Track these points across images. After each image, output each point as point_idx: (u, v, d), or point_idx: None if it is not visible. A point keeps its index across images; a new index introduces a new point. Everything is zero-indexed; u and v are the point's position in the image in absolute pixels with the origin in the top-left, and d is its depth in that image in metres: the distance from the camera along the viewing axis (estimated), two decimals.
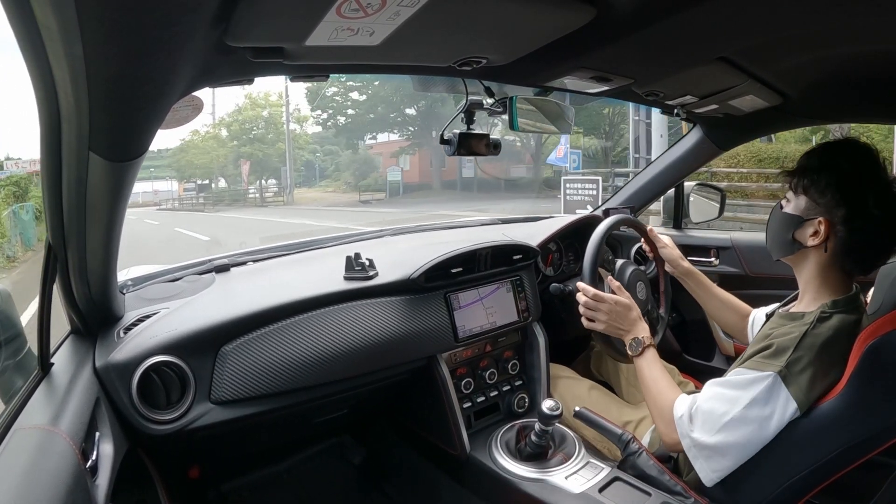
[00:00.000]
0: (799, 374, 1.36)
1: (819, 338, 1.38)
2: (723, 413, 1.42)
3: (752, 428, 1.39)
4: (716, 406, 1.45)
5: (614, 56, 1.41)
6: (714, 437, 1.43)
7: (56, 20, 0.66)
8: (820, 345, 1.38)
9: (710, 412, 1.45)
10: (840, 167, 1.44)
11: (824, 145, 1.51)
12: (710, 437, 1.44)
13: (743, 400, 1.40)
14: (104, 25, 0.68)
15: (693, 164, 2.67)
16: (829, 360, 1.38)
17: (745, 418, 1.39)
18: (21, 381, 1.31)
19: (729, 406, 1.42)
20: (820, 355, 1.37)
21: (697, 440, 1.47)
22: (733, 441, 1.41)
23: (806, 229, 1.48)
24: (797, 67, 1.59)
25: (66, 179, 1.04)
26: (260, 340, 1.66)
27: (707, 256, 2.75)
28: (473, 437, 1.99)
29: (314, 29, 0.96)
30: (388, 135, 39.79)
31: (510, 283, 2.21)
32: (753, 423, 1.39)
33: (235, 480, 2.37)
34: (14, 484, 0.88)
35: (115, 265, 1.41)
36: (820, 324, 1.40)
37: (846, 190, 1.42)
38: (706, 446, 1.45)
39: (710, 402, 1.47)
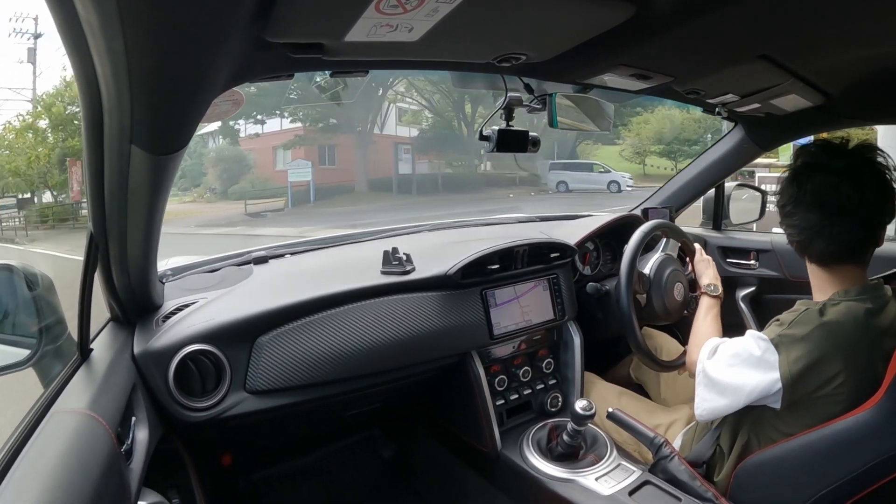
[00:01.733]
0: (788, 345, 1.39)
1: (821, 317, 1.40)
2: (731, 355, 1.50)
3: (739, 377, 1.46)
4: (731, 348, 1.52)
5: (654, 53, 1.39)
6: (715, 372, 1.53)
7: (98, 16, 0.67)
8: (820, 324, 1.39)
9: (725, 351, 1.54)
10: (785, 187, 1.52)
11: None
12: (712, 371, 1.54)
13: (745, 352, 1.46)
14: (145, 21, 0.69)
15: (733, 165, 2.63)
16: (828, 342, 1.37)
17: (738, 367, 1.47)
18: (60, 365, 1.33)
19: (737, 351, 1.49)
20: (813, 334, 1.38)
21: (706, 368, 1.56)
22: (724, 381, 1.50)
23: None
24: (840, 66, 1.56)
25: (108, 172, 1.05)
26: (296, 332, 1.68)
27: (746, 259, 2.71)
28: (505, 434, 1.98)
29: (353, 25, 0.96)
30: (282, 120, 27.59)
31: (547, 282, 2.20)
32: (742, 375, 1.45)
33: (266, 470, 2.40)
34: (51, 465, 0.90)
35: (155, 255, 1.43)
36: (825, 307, 1.42)
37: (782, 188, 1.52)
38: (708, 376, 1.55)
39: (732, 343, 1.54)
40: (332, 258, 2.23)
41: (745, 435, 1.56)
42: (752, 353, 1.43)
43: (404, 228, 2.68)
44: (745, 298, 2.67)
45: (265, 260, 2.12)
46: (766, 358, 1.40)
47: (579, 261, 2.50)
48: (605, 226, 2.53)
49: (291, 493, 2.39)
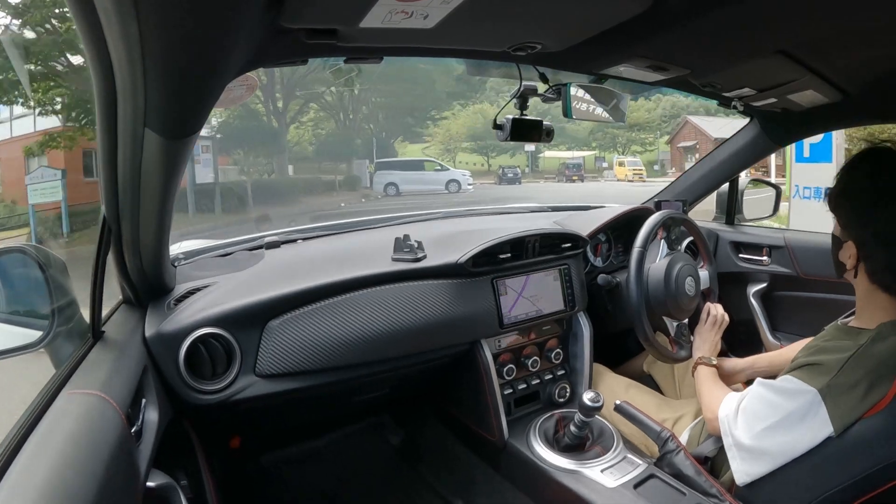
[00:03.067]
0: (840, 395, 1.30)
1: (871, 359, 1.31)
2: (763, 417, 1.40)
3: (786, 440, 1.36)
4: (758, 409, 1.42)
5: (670, 45, 1.39)
6: (751, 440, 1.41)
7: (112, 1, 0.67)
8: (871, 366, 1.30)
9: (753, 414, 1.43)
10: (858, 184, 1.38)
11: (852, 160, 1.43)
12: (748, 440, 1.41)
13: (782, 409, 1.36)
14: (159, 6, 0.69)
15: (748, 160, 2.62)
16: (877, 380, 1.30)
17: (781, 428, 1.36)
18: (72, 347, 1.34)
19: (769, 412, 1.39)
20: (868, 376, 1.30)
21: (737, 439, 1.44)
22: (767, 448, 1.38)
23: (844, 251, 1.42)
24: (858, 64, 1.55)
25: (121, 155, 1.06)
26: (306, 317, 1.69)
27: (759, 255, 2.69)
28: (512, 424, 1.99)
29: (368, 11, 0.96)
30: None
31: (558, 272, 2.19)
32: (788, 436, 1.35)
33: (275, 453, 2.42)
34: (61, 445, 0.91)
35: (167, 238, 1.44)
36: (874, 344, 1.32)
37: (865, 210, 1.35)
38: (743, 447, 1.43)
39: (754, 402, 1.44)
40: (343, 244, 2.24)
41: None
42: (796, 411, 1.34)
43: (417, 215, 2.68)
44: (756, 295, 2.66)
45: (277, 245, 2.13)
46: (815, 413, 1.31)
47: (591, 252, 2.50)
48: (618, 217, 2.51)
49: (299, 476, 2.41)
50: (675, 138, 46.44)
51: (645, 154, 47.97)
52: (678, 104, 54.12)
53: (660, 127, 51.31)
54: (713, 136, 41.06)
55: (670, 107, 52.59)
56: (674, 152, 46.81)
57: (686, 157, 44.43)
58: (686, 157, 44.60)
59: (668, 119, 51.91)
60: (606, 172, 41.45)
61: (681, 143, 45.17)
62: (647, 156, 47.00)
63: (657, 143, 50.68)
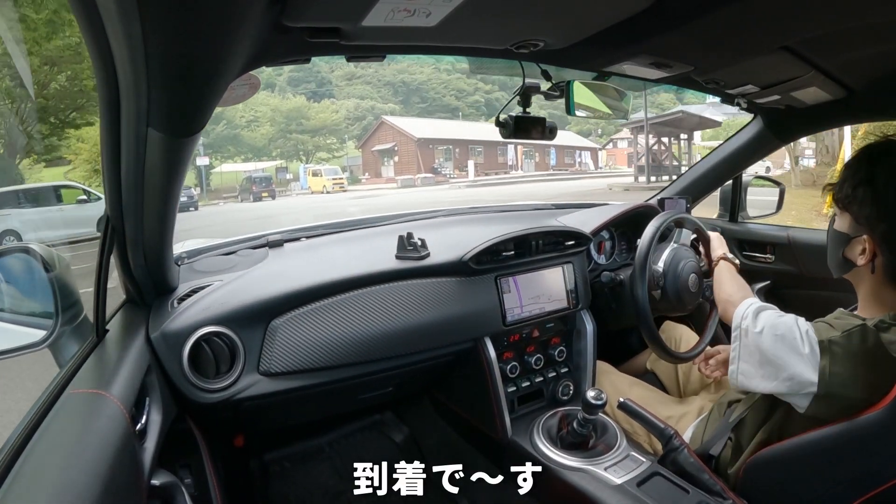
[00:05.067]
0: (835, 355, 1.32)
1: (870, 338, 1.32)
2: (775, 325, 1.42)
3: (778, 357, 1.38)
4: (776, 318, 1.44)
5: (674, 42, 1.38)
6: (756, 333, 1.44)
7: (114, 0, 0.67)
8: (869, 347, 1.31)
9: (771, 317, 1.45)
10: (875, 179, 1.35)
11: (864, 152, 1.42)
12: (757, 339, 1.44)
13: (791, 333, 1.38)
14: (162, 5, 0.69)
15: (752, 157, 2.62)
16: (873, 366, 1.31)
17: (781, 344, 1.38)
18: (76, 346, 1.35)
19: (783, 327, 1.41)
20: (865, 354, 1.31)
21: (749, 330, 1.47)
22: (763, 349, 1.41)
23: (854, 247, 1.41)
24: (863, 60, 1.54)
25: (124, 154, 1.07)
26: (310, 315, 1.69)
27: (762, 252, 2.70)
28: (516, 421, 1.99)
29: (370, 9, 0.96)
30: None
31: (561, 270, 2.19)
32: (781, 356, 1.38)
33: (278, 451, 2.42)
34: (66, 444, 0.91)
35: (170, 237, 1.44)
36: (877, 329, 1.33)
37: (882, 204, 1.34)
38: (750, 339, 1.46)
39: (778, 315, 1.46)
40: (347, 242, 2.24)
41: (766, 432, 1.54)
42: (800, 345, 1.36)
43: (420, 214, 2.68)
44: (760, 292, 2.66)
45: (280, 244, 2.13)
46: (811, 357, 1.34)
47: (594, 249, 2.49)
48: (621, 215, 2.51)
49: (303, 474, 2.41)
50: (369, 141, 44.33)
51: (332, 160, 45.33)
52: (362, 105, 53.31)
53: (347, 130, 49.34)
54: (416, 137, 40.24)
55: (354, 108, 51.95)
56: (367, 157, 44.75)
57: (382, 161, 42.88)
58: (383, 160, 42.89)
59: (355, 121, 50.14)
60: (294, 185, 38.58)
61: (376, 146, 43.17)
62: (334, 162, 44.49)
63: (345, 147, 48.17)
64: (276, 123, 46.04)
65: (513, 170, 44.53)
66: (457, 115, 56.11)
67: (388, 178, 41.44)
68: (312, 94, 53.65)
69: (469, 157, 43.13)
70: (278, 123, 46.01)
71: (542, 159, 47.27)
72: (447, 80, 58.78)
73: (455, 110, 57.26)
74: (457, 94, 59.95)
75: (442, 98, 58.93)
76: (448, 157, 43.38)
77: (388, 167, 43.68)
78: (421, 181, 36.06)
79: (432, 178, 37.58)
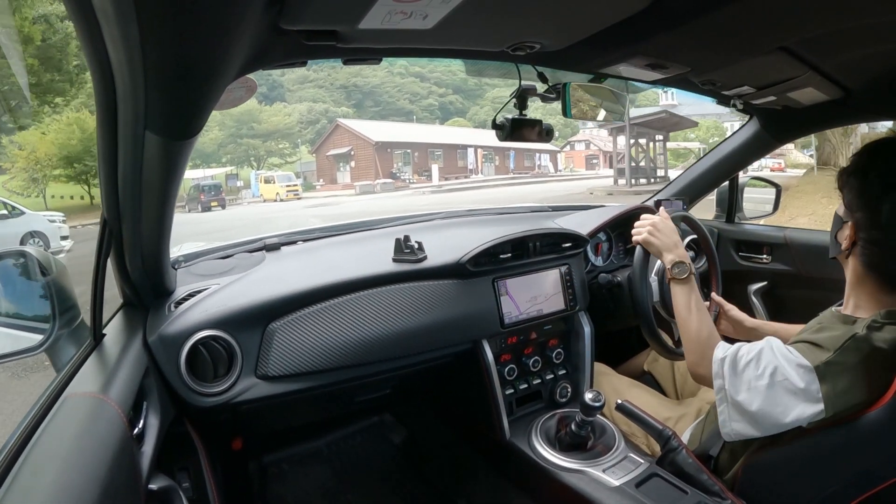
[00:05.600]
0: (835, 376, 1.30)
1: (866, 345, 1.31)
2: (759, 375, 1.37)
3: (775, 407, 1.35)
4: (756, 365, 1.39)
5: (670, 44, 1.39)
6: (743, 394, 1.39)
7: (112, 4, 0.67)
8: (865, 353, 1.31)
9: (750, 367, 1.40)
10: (866, 169, 1.37)
11: (870, 143, 1.41)
12: (738, 393, 1.40)
13: (780, 374, 1.34)
14: (159, 8, 0.69)
15: (748, 158, 2.63)
16: (874, 371, 1.31)
17: (773, 392, 1.35)
18: (74, 349, 1.35)
19: (766, 371, 1.36)
20: (863, 364, 1.30)
21: (729, 389, 1.42)
22: (756, 408, 1.37)
23: (844, 231, 1.42)
24: (860, 61, 1.55)
25: (121, 157, 1.07)
26: (307, 319, 1.69)
27: (759, 253, 2.70)
28: (514, 423, 1.99)
29: (367, 12, 0.96)
30: None
31: (558, 271, 2.19)
32: (777, 405, 1.34)
33: (276, 453, 2.43)
34: (64, 448, 0.91)
35: (168, 241, 1.44)
36: (869, 332, 1.32)
37: (864, 194, 1.35)
38: (736, 401, 1.41)
39: (755, 358, 1.40)
40: (344, 245, 2.24)
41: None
42: (793, 383, 1.32)
43: (417, 217, 2.68)
44: (757, 293, 2.67)
45: (277, 247, 2.13)
46: (809, 389, 1.31)
47: (591, 251, 2.50)
48: (618, 217, 2.52)
49: (302, 476, 2.41)
50: (324, 145, 43.05)
51: (285, 166, 43.84)
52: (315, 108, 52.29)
53: (300, 134, 48.21)
54: (374, 140, 38.89)
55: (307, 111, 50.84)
56: (321, 161, 43.37)
57: (338, 167, 41.51)
58: (338, 165, 41.56)
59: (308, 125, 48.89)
60: (245, 193, 36.72)
61: (331, 150, 42.00)
62: (286, 168, 43.00)
63: (298, 152, 46.86)
64: (226, 127, 44.73)
65: (473, 174, 43.66)
66: (411, 118, 55.69)
67: (344, 184, 40.22)
68: (263, 97, 52.80)
69: (429, 161, 42.36)
70: (228, 127, 44.71)
71: (503, 162, 46.67)
72: (401, 83, 58.75)
73: (409, 114, 56.96)
74: (411, 97, 59.90)
75: (396, 102, 58.84)
76: (407, 162, 42.65)
77: (343, 172, 42.72)
78: (381, 187, 35.00)
79: (392, 183, 36.50)
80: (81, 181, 25.61)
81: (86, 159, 24.44)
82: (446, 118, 59.20)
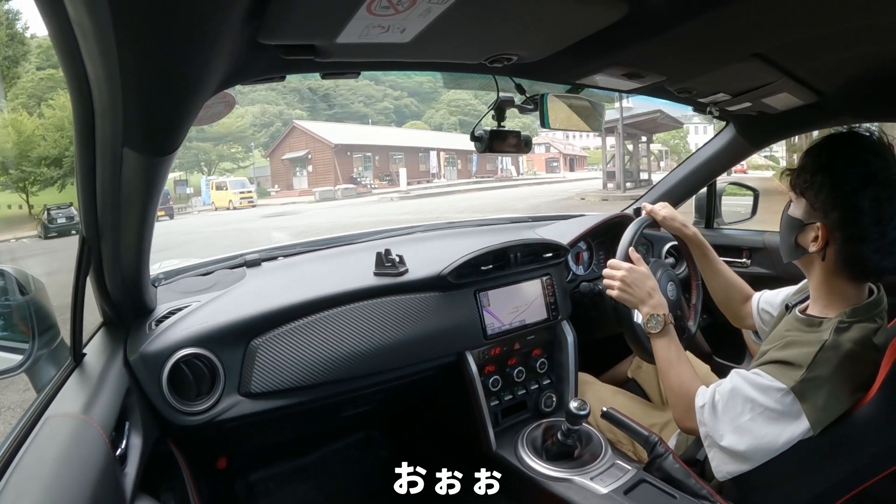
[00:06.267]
0: (814, 391, 1.30)
1: (838, 351, 1.31)
2: (738, 414, 1.39)
3: (763, 437, 1.35)
4: (732, 404, 1.40)
5: (646, 53, 1.40)
6: (728, 437, 1.40)
7: (90, 18, 0.67)
8: (839, 359, 1.31)
9: (727, 409, 1.41)
10: (834, 167, 1.36)
11: (826, 140, 1.41)
12: (726, 438, 1.40)
13: (758, 406, 1.36)
14: (137, 23, 0.69)
15: (726, 163, 2.65)
16: (851, 373, 1.32)
17: (757, 425, 1.35)
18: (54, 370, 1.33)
19: (743, 407, 1.38)
20: (839, 370, 1.31)
21: (714, 435, 1.43)
22: (744, 448, 1.37)
23: (807, 234, 1.41)
24: (833, 65, 1.57)
25: (100, 174, 1.06)
26: (289, 335, 1.68)
27: (739, 257, 2.72)
28: (500, 435, 1.99)
29: (345, 26, 0.96)
30: None
31: (540, 281, 2.20)
32: (764, 433, 1.35)
33: (262, 471, 2.40)
34: (45, 470, 0.90)
35: (147, 258, 1.43)
36: (838, 335, 1.33)
37: (839, 192, 1.33)
38: (722, 447, 1.42)
39: (729, 397, 1.42)
40: (325, 260, 2.24)
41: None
42: (771, 408, 1.33)
43: (398, 230, 2.68)
44: None
45: (258, 263, 2.12)
46: (790, 410, 1.32)
47: (572, 260, 2.51)
48: (598, 226, 2.53)
49: (288, 493, 2.39)
50: (279, 149, 41.41)
51: (238, 171, 42.20)
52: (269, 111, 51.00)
53: (253, 137, 46.46)
54: (333, 143, 37.00)
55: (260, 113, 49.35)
56: (276, 166, 41.77)
57: (294, 171, 39.75)
58: (294, 170, 39.79)
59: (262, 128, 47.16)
60: (195, 200, 34.82)
61: (287, 154, 40.33)
62: (239, 173, 41.04)
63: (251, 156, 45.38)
64: None
65: (435, 178, 43.45)
66: (366, 121, 54.74)
67: (301, 189, 38.70)
68: None
69: (390, 165, 42.19)
70: None
71: (465, 166, 45.87)
72: (355, 86, 57.83)
73: (364, 117, 55.86)
74: (365, 100, 58.97)
75: (350, 105, 57.78)
76: (367, 166, 41.37)
77: (300, 178, 41.25)
78: (342, 193, 33.69)
79: (354, 188, 35.36)
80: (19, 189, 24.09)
81: (23, 164, 23.01)
82: (402, 122, 58.56)
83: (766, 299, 1.87)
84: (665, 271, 2.08)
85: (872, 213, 1.30)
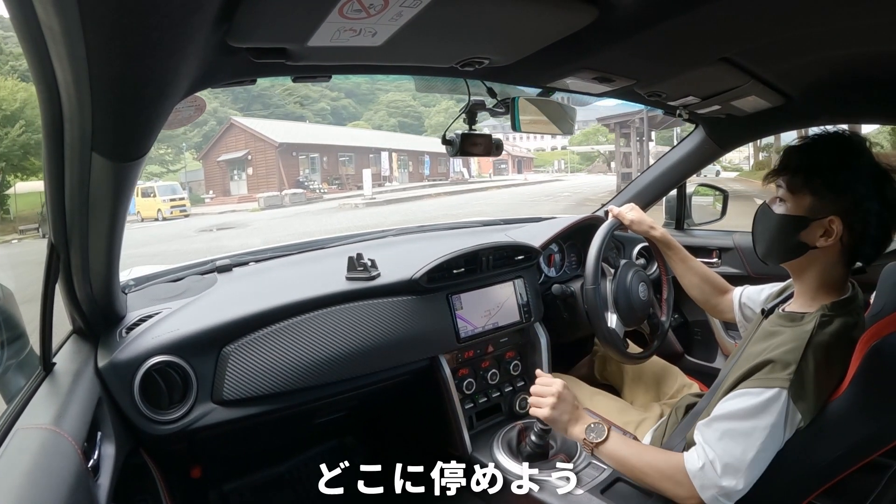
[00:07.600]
0: (805, 387, 1.30)
1: (822, 345, 1.32)
2: (742, 452, 1.32)
3: (770, 455, 1.34)
4: (732, 447, 1.33)
5: (616, 57, 1.41)
6: (742, 481, 1.32)
7: (59, 21, 0.66)
8: (823, 353, 1.32)
9: (730, 454, 1.33)
10: (848, 164, 1.35)
11: (815, 140, 1.42)
12: (741, 482, 1.32)
13: (760, 430, 1.31)
14: (107, 26, 0.68)
15: (695, 165, 2.67)
16: (831, 365, 1.33)
17: (766, 447, 1.32)
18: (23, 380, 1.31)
19: (747, 441, 1.32)
20: (824, 363, 1.32)
21: (728, 487, 1.32)
22: (756, 473, 1.34)
23: (813, 230, 1.37)
24: (799, 68, 1.59)
25: (68, 180, 1.04)
26: (262, 341, 1.67)
27: (709, 257, 2.75)
28: (475, 437, 1.99)
29: (316, 29, 0.96)
30: None
31: (512, 284, 2.21)
32: (772, 448, 1.33)
33: (237, 481, 2.38)
34: (16, 484, 0.88)
35: (117, 265, 1.41)
36: (821, 329, 1.34)
37: (848, 184, 1.33)
38: (737, 491, 1.33)
39: (725, 442, 1.34)
40: (296, 265, 2.22)
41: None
42: (775, 423, 1.31)
43: (369, 234, 2.67)
44: None
45: (229, 268, 2.11)
46: (789, 413, 1.31)
47: (544, 263, 2.52)
48: (569, 228, 2.54)
49: (263, 502, 2.37)
50: (214, 149, 37.93)
51: (167, 175, 38.88)
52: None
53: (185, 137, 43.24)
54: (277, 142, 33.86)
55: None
56: (211, 169, 38.13)
57: (232, 175, 36.67)
58: (232, 173, 36.66)
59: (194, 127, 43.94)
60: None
61: (223, 155, 36.81)
62: (169, 177, 37.52)
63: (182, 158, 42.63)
64: None
65: (387, 181, 39.82)
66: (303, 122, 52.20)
67: (241, 195, 34.54)
68: None
69: (339, 167, 39.20)
70: None
71: (416, 168, 44.72)
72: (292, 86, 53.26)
73: (301, 118, 54.08)
74: (301, 100, 57.58)
75: (286, 105, 56.39)
76: (315, 168, 37.70)
77: (239, 182, 37.41)
78: (290, 199, 30.10)
79: (303, 194, 31.66)
80: None
81: None
82: (339, 123, 56.75)
83: (749, 295, 1.87)
84: (636, 272, 2.09)
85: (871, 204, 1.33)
